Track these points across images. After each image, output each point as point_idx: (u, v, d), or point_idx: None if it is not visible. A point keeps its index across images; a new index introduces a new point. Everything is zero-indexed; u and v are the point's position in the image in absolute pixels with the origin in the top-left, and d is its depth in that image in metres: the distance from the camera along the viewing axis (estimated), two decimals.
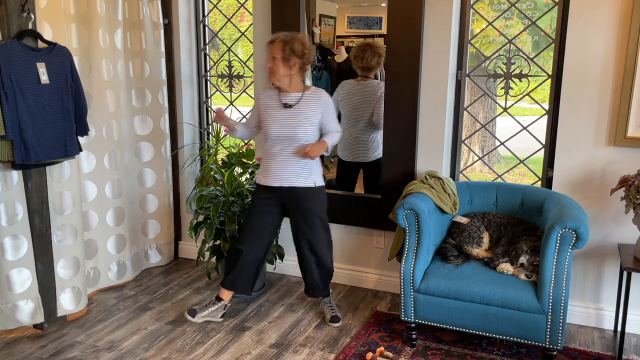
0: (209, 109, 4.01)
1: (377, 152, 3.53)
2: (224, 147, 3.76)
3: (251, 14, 3.65)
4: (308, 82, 3.62)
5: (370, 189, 3.59)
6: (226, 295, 3.14)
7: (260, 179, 3.01)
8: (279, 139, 2.90)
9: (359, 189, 3.67)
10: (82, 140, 3.23)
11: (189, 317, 3.06)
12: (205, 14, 3.98)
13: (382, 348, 2.77)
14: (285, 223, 3.19)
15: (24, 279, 2.90)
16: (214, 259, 3.57)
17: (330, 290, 3.24)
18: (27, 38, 2.76)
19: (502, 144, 3.36)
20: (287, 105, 2.88)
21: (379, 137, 3.51)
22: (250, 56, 3.76)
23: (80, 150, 3.03)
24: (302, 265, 3.11)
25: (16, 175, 2.81)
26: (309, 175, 2.94)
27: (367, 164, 3.64)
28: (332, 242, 3.12)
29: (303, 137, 2.88)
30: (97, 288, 3.48)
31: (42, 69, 2.76)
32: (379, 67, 3.51)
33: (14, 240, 2.84)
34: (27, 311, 2.93)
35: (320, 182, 3.01)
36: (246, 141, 3.85)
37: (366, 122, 3.55)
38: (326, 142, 2.89)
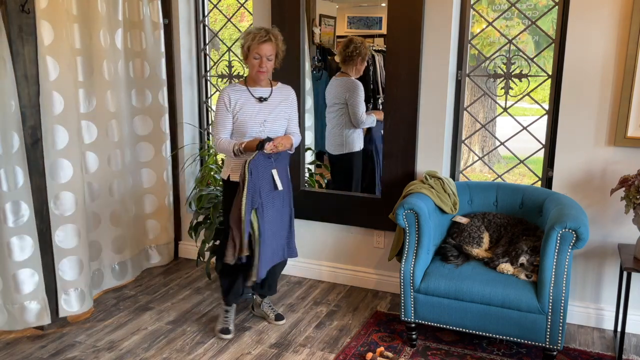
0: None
1: (344, 147, 3.64)
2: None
3: (251, 14, 3.65)
4: (308, 82, 3.63)
5: (338, 184, 3.69)
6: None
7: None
8: (256, 134, 2.78)
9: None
10: (85, 140, 3.23)
11: (226, 336, 2.95)
12: (205, 14, 3.98)
13: (382, 348, 2.77)
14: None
15: (30, 279, 2.90)
16: (214, 259, 3.56)
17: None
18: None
19: (502, 144, 3.36)
20: (262, 99, 2.81)
21: (347, 133, 3.62)
22: None
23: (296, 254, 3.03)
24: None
25: (22, 176, 2.80)
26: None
27: (333, 156, 3.72)
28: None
29: (280, 131, 2.84)
30: (101, 289, 3.47)
31: (276, 176, 2.78)
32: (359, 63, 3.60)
33: (20, 241, 2.84)
34: (34, 312, 2.93)
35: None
36: None
37: (333, 116, 3.65)
38: (291, 139, 2.82)
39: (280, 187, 2.77)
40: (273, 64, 2.80)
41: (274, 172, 2.76)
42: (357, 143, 3.64)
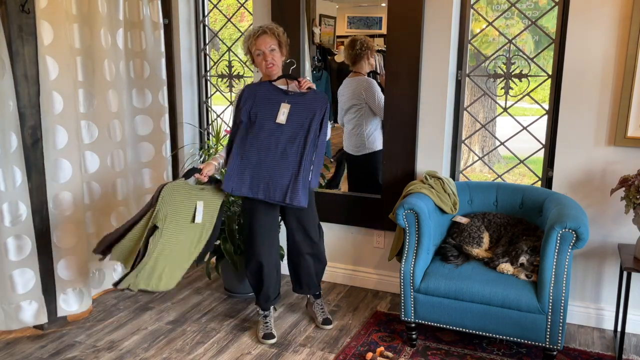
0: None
1: (366, 147, 3.56)
2: (224, 147, 3.77)
3: (251, 14, 3.65)
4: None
5: (354, 185, 3.61)
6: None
7: None
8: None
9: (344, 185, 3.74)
10: (85, 140, 3.23)
11: (271, 341, 2.92)
12: (205, 14, 3.98)
13: (382, 348, 2.77)
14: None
15: (27, 279, 2.90)
16: (214, 259, 3.56)
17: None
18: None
19: (502, 144, 3.36)
20: (291, 93, 2.79)
21: (367, 132, 3.54)
22: None
23: (305, 204, 2.73)
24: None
25: (20, 175, 2.80)
26: None
27: (354, 157, 3.66)
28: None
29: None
30: (102, 289, 3.47)
31: (284, 109, 2.70)
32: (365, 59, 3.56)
33: (18, 241, 2.84)
34: (31, 312, 2.93)
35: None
36: None
37: (352, 117, 3.59)
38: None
39: (279, 119, 2.69)
40: (280, 55, 2.79)
41: (284, 105, 2.71)
42: (379, 141, 3.57)
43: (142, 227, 2.58)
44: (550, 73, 3.06)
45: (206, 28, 4.01)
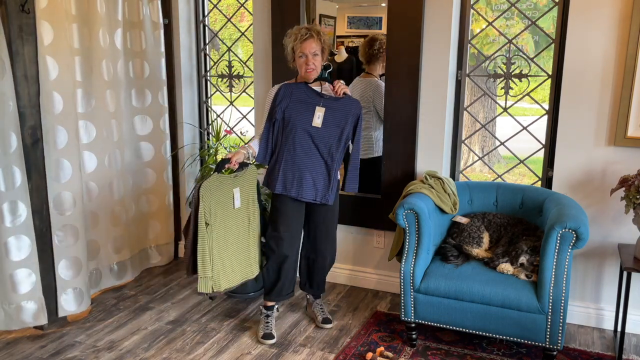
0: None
1: (374, 151, 3.53)
2: (224, 147, 3.77)
3: (251, 14, 3.65)
4: None
5: (361, 189, 3.59)
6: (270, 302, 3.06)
7: None
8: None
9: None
10: (83, 140, 3.23)
11: (270, 341, 2.91)
12: (205, 14, 3.98)
13: (382, 348, 2.77)
14: None
15: (27, 279, 2.90)
16: None
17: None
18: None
19: (502, 144, 3.36)
20: (326, 97, 2.84)
21: (376, 135, 3.51)
22: (250, 56, 3.76)
23: (332, 202, 2.88)
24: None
25: (19, 175, 2.80)
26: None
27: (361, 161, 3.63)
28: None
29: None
30: (99, 289, 3.47)
31: (319, 112, 2.78)
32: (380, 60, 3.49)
33: (18, 241, 2.84)
34: (31, 312, 2.93)
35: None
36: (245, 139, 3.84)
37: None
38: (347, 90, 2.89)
39: (315, 122, 2.78)
40: (321, 60, 2.82)
41: (318, 108, 2.79)
42: None
43: (204, 230, 2.74)
44: (550, 73, 3.06)
45: (206, 28, 4.01)
